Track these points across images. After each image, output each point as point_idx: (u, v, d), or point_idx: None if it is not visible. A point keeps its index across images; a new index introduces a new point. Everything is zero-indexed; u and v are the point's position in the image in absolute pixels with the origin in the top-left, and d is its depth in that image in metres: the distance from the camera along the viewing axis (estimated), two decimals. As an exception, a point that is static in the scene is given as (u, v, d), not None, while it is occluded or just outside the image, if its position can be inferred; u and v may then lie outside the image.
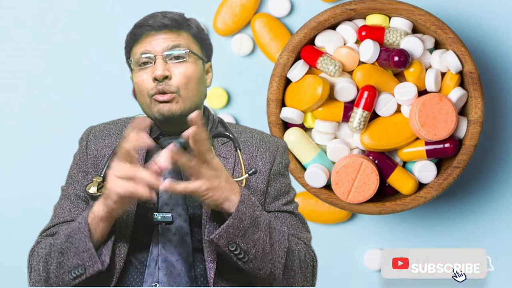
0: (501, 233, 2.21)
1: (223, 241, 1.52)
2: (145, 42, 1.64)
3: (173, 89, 1.62)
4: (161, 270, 1.56)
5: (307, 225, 1.69)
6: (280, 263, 1.57)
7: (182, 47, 1.64)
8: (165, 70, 1.62)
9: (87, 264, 1.53)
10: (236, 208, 1.52)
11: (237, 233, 1.52)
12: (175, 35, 1.65)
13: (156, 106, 1.63)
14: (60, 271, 1.54)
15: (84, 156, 1.67)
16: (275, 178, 1.66)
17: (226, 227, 1.52)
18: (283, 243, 1.58)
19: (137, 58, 1.64)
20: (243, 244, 1.53)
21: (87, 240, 1.53)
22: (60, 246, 1.55)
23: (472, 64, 2.03)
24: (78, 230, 1.54)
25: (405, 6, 2.03)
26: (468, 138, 2.04)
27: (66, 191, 1.67)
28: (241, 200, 1.53)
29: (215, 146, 1.66)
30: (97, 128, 1.70)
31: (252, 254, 1.53)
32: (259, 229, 1.54)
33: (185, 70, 1.64)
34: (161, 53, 1.63)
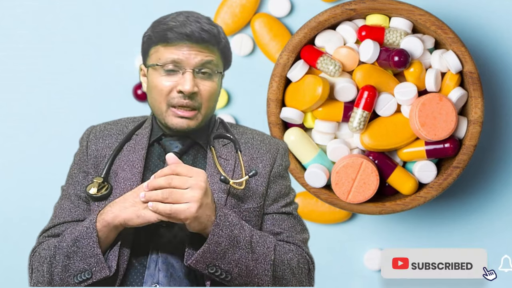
0: (501, 233, 2.21)
1: (202, 265, 1.51)
2: (177, 49, 1.61)
3: (197, 105, 1.61)
4: (161, 271, 1.56)
5: (305, 226, 1.69)
6: (267, 275, 1.56)
7: (214, 64, 1.62)
8: (194, 87, 1.60)
9: (94, 270, 1.52)
10: (211, 232, 1.51)
11: (215, 256, 1.52)
12: (209, 51, 1.62)
13: (173, 119, 1.62)
14: (65, 274, 1.54)
15: (84, 156, 1.67)
16: (275, 180, 1.66)
17: (202, 253, 1.51)
18: (268, 256, 1.56)
19: (164, 62, 1.62)
20: (223, 265, 1.52)
21: (95, 246, 1.53)
22: (67, 249, 1.54)
23: (472, 64, 2.03)
24: (86, 235, 1.53)
25: (405, 6, 2.03)
26: (468, 138, 2.04)
27: (66, 191, 1.67)
28: (216, 223, 1.52)
29: (216, 147, 1.66)
30: (98, 128, 1.70)
31: (236, 273, 1.53)
32: (239, 248, 1.54)
33: (210, 88, 1.62)
34: (192, 67, 1.60)
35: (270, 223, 1.64)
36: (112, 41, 2.19)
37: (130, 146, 1.66)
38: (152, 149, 1.66)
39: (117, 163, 1.65)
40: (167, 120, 1.62)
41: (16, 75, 2.20)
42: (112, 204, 1.54)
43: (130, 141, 1.67)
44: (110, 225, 1.53)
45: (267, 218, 1.65)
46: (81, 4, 2.19)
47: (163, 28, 1.63)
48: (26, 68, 2.20)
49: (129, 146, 1.66)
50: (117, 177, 1.62)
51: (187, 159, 1.65)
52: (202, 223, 1.51)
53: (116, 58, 2.19)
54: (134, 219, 1.52)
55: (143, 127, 1.69)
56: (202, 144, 1.66)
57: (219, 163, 1.63)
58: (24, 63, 2.20)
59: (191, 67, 1.61)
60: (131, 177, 1.62)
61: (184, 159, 1.65)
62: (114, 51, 2.19)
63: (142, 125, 1.70)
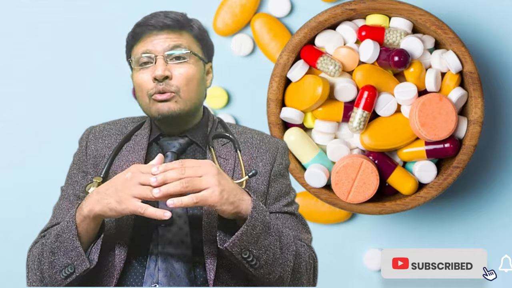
0: (501, 233, 2.21)
1: (237, 249, 1.51)
2: (146, 41, 1.64)
3: (173, 89, 1.62)
4: (161, 271, 1.56)
5: (307, 226, 1.69)
6: (289, 266, 1.56)
7: (183, 47, 1.64)
8: (165, 70, 1.62)
9: (75, 263, 1.52)
10: (250, 214, 1.51)
11: (250, 240, 1.51)
12: (176, 35, 1.65)
13: (155, 105, 1.63)
14: (52, 271, 1.54)
15: (84, 156, 1.67)
16: (276, 179, 1.66)
17: (240, 235, 1.51)
18: (291, 246, 1.57)
19: (137, 57, 1.64)
20: (255, 250, 1.52)
21: (75, 239, 1.52)
22: (51, 245, 1.55)
23: (472, 64, 2.03)
24: (66, 229, 1.54)
25: (405, 6, 2.03)
26: (468, 138, 2.04)
27: (65, 192, 1.67)
28: (254, 206, 1.52)
29: (215, 147, 1.66)
30: (97, 128, 1.70)
31: (263, 259, 1.53)
32: (270, 234, 1.54)
33: (186, 70, 1.63)
34: (162, 53, 1.63)
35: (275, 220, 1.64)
36: (112, 41, 2.19)
37: (129, 147, 1.66)
38: (151, 149, 1.66)
39: (117, 163, 1.65)
40: (151, 111, 1.64)
41: (16, 75, 2.21)
42: (88, 196, 1.54)
43: (129, 142, 1.68)
44: (88, 217, 1.53)
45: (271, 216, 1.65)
46: (81, 4, 2.19)
47: (133, 28, 1.67)
48: (26, 69, 2.20)
49: (128, 146, 1.67)
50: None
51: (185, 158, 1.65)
52: (233, 204, 1.51)
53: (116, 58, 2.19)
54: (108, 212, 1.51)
55: (143, 128, 1.69)
56: (200, 143, 1.66)
57: (218, 163, 1.63)
58: (24, 63, 2.20)
59: (161, 53, 1.63)
60: None
61: (182, 158, 1.65)
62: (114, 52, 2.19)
63: (141, 126, 1.70)
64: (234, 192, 1.52)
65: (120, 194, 1.50)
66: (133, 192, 1.49)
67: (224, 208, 1.51)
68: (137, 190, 1.49)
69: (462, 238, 2.21)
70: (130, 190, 1.50)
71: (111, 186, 1.52)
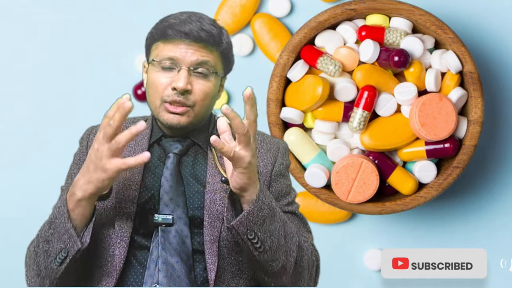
0: (501, 233, 2.21)
1: (243, 228, 1.52)
2: (175, 46, 1.62)
3: (189, 103, 1.62)
4: (161, 271, 1.56)
5: (308, 226, 1.69)
6: (292, 256, 1.57)
7: (210, 65, 1.62)
8: (187, 84, 1.61)
9: (68, 246, 1.53)
10: (257, 195, 1.52)
11: (256, 221, 1.52)
12: (207, 51, 1.62)
13: (165, 114, 1.62)
14: (48, 260, 1.55)
15: (84, 156, 1.67)
16: (276, 179, 1.66)
17: (247, 214, 1.52)
18: (294, 236, 1.58)
19: (161, 58, 1.63)
20: (260, 233, 1.53)
21: (67, 222, 1.52)
22: (45, 234, 1.55)
23: (472, 64, 2.03)
24: (58, 214, 1.54)
25: (405, 6, 2.03)
26: (468, 138, 2.04)
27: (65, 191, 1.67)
28: (260, 189, 1.53)
29: (216, 148, 1.66)
30: (98, 128, 1.70)
31: (268, 244, 1.54)
32: (275, 220, 1.55)
33: (205, 88, 1.62)
34: (188, 65, 1.61)
35: None
36: (112, 41, 2.19)
37: (130, 147, 1.66)
38: (152, 150, 1.66)
39: (117, 163, 1.65)
40: (160, 116, 1.63)
41: (16, 75, 2.21)
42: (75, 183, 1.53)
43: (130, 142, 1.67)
44: (83, 201, 1.53)
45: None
46: (82, 4, 2.19)
47: (164, 25, 1.64)
48: (26, 69, 2.20)
49: (129, 146, 1.67)
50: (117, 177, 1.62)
51: (187, 160, 1.65)
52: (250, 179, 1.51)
53: (116, 58, 2.19)
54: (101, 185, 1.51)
55: (143, 128, 1.69)
56: (201, 145, 1.66)
57: (220, 163, 1.63)
58: (24, 63, 2.20)
59: (187, 65, 1.61)
60: (130, 178, 1.62)
61: (184, 160, 1.65)
62: (114, 51, 2.19)
63: (142, 126, 1.70)
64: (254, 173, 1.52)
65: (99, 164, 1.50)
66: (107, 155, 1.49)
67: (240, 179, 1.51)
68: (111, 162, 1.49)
69: (462, 238, 2.21)
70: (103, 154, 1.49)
71: (89, 164, 1.51)
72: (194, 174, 1.64)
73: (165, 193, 1.59)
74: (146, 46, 1.68)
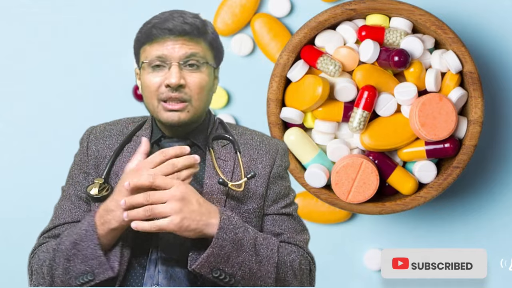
0: (501, 233, 2.21)
1: (206, 270, 1.52)
2: (162, 45, 1.62)
3: (186, 97, 1.61)
4: (161, 273, 1.55)
5: (305, 227, 1.69)
6: (270, 278, 1.56)
7: (199, 56, 1.62)
8: (180, 79, 1.60)
9: (96, 271, 1.52)
10: (215, 235, 1.51)
11: (219, 259, 1.52)
12: (193, 43, 1.62)
13: (164, 113, 1.62)
14: (66, 276, 1.54)
15: (85, 157, 1.67)
16: (275, 181, 1.66)
17: (206, 257, 1.51)
18: (272, 258, 1.56)
19: (150, 59, 1.63)
20: (227, 268, 1.52)
21: (97, 248, 1.53)
22: (66, 252, 1.54)
23: (472, 64, 2.03)
24: (85, 237, 1.53)
25: (405, 6, 2.03)
26: (468, 138, 2.04)
27: (66, 192, 1.67)
28: (220, 227, 1.52)
29: (215, 148, 1.65)
30: (98, 129, 1.70)
31: (239, 275, 1.53)
32: (243, 251, 1.54)
33: (199, 80, 1.62)
34: (177, 60, 1.61)
35: (270, 224, 1.64)
36: (112, 41, 2.19)
37: (130, 148, 1.66)
38: (152, 150, 1.66)
39: (118, 164, 1.65)
40: (159, 116, 1.63)
41: (16, 75, 2.20)
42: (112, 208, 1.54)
43: (130, 143, 1.67)
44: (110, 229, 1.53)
45: (267, 219, 1.65)
46: (82, 4, 2.19)
47: (148, 27, 1.64)
48: (26, 69, 2.20)
49: (129, 147, 1.66)
50: (118, 178, 1.62)
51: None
52: (195, 230, 1.52)
53: (116, 58, 2.19)
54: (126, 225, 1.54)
55: (143, 129, 1.69)
56: (201, 145, 1.66)
57: (218, 164, 1.63)
58: (24, 63, 2.20)
59: (176, 60, 1.61)
60: None
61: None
62: (114, 51, 2.19)
63: (142, 127, 1.70)
64: (198, 218, 1.52)
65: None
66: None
67: (186, 234, 1.52)
68: None
69: (462, 238, 2.21)
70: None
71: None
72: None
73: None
74: (135, 53, 1.68)
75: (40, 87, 2.20)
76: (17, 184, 2.21)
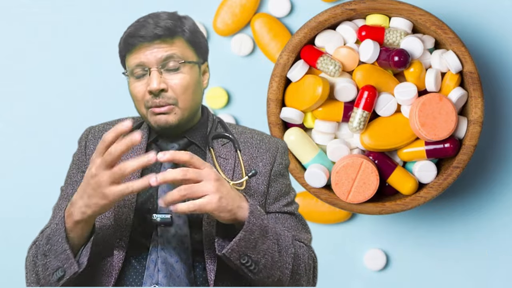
0: (501, 233, 2.20)
1: (235, 255, 1.51)
2: (139, 53, 1.61)
3: (171, 101, 1.61)
4: (161, 271, 1.55)
5: (307, 226, 1.69)
6: (288, 269, 1.56)
7: (177, 56, 1.61)
8: (160, 83, 1.60)
9: (65, 266, 1.52)
10: (247, 220, 1.51)
11: (248, 245, 1.51)
12: (168, 44, 1.61)
13: (153, 117, 1.62)
14: (46, 273, 1.54)
15: (83, 157, 1.67)
16: (276, 179, 1.66)
17: (238, 241, 1.50)
18: (289, 248, 1.57)
19: (131, 69, 1.62)
20: (253, 255, 1.52)
21: (64, 242, 1.51)
22: (43, 248, 1.55)
23: (472, 64, 2.02)
24: (56, 231, 1.53)
25: (405, 6, 2.03)
26: (468, 138, 2.04)
27: (65, 192, 1.67)
28: (251, 211, 1.52)
29: (215, 147, 1.65)
30: (96, 129, 1.70)
31: (262, 264, 1.53)
32: (268, 238, 1.54)
33: (181, 81, 1.61)
34: (155, 65, 1.60)
35: (274, 222, 1.64)
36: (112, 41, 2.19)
37: (128, 147, 1.66)
38: (150, 149, 1.66)
39: (116, 163, 1.64)
40: (149, 121, 1.63)
41: (16, 75, 2.21)
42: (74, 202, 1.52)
43: None
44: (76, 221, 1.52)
45: (270, 217, 1.65)
46: (82, 4, 2.19)
47: (124, 37, 1.65)
48: (26, 69, 2.20)
49: (127, 147, 1.66)
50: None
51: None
52: (231, 211, 1.50)
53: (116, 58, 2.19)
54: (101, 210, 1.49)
55: (141, 128, 1.69)
56: (199, 144, 1.66)
57: (218, 163, 1.63)
58: (24, 63, 2.20)
59: (155, 65, 1.60)
60: (129, 178, 1.62)
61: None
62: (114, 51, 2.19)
63: (140, 126, 1.70)
64: (233, 199, 1.51)
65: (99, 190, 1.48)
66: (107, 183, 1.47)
67: (222, 215, 1.50)
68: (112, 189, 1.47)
69: (462, 238, 2.21)
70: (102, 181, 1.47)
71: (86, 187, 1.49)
72: (192, 173, 1.63)
73: (163, 193, 1.58)
74: (122, 64, 1.68)
75: (40, 87, 2.20)
76: (17, 184, 2.21)
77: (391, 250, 2.21)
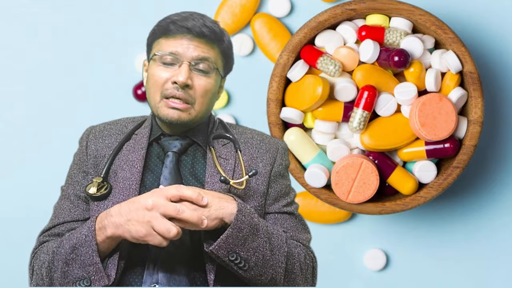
0: (501, 233, 2.20)
1: (223, 252, 1.52)
2: (177, 41, 1.63)
3: (190, 99, 1.62)
4: (161, 271, 1.55)
5: (307, 226, 1.69)
6: (281, 267, 1.56)
7: (211, 61, 1.63)
8: (188, 79, 1.61)
9: (93, 278, 1.52)
10: (235, 217, 1.52)
11: (237, 242, 1.52)
12: (208, 47, 1.63)
13: (165, 110, 1.62)
14: (64, 280, 1.54)
15: (84, 156, 1.67)
16: (276, 180, 1.66)
17: (225, 238, 1.51)
18: (282, 247, 1.57)
19: (163, 53, 1.63)
20: (243, 253, 1.52)
21: (94, 255, 1.52)
22: (65, 256, 1.54)
23: (472, 64, 2.03)
24: (84, 242, 1.53)
25: (405, 6, 2.03)
26: (468, 138, 2.04)
27: (66, 191, 1.67)
28: (239, 209, 1.53)
29: (215, 147, 1.66)
30: (97, 128, 1.70)
31: (253, 261, 1.53)
32: (258, 236, 1.54)
33: (206, 84, 1.63)
34: (189, 60, 1.62)
35: (273, 223, 1.64)
36: (112, 41, 2.19)
37: (129, 146, 1.66)
38: (151, 148, 1.66)
39: (117, 162, 1.65)
40: (159, 111, 1.63)
41: (16, 75, 2.21)
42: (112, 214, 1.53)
43: (129, 141, 1.68)
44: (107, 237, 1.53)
45: (269, 217, 1.65)
46: (82, 4, 2.19)
47: (167, 22, 1.65)
48: (26, 69, 2.20)
49: (128, 145, 1.67)
50: (117, 176, 1.63)
51: (186, 159, 1.65)
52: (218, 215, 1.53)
53: (116, 58, 2.19)
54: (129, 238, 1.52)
55: (143, 127, 1.69)
56: (201, 143, 1.66)
57: (219, 163, 1.63)
58: (24, 63, 2.20)
59: (188, 60, 1.62)
60: (130, 177, 1.62)
61: (183, 158, 1.65)
62: (114, 51, 2.19)
63: (141, 125, 1.70)
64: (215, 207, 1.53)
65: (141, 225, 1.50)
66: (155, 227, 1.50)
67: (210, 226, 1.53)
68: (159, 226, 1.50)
69: (462, 238, 2.21)
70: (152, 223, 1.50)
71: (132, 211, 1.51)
72: (193, 173, 1.64)
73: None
74: (148, 44, 1.68)
75: (40, 87, 2.20)
76: (17, 184, 2.21)
77: (391, 250, 2.21)
